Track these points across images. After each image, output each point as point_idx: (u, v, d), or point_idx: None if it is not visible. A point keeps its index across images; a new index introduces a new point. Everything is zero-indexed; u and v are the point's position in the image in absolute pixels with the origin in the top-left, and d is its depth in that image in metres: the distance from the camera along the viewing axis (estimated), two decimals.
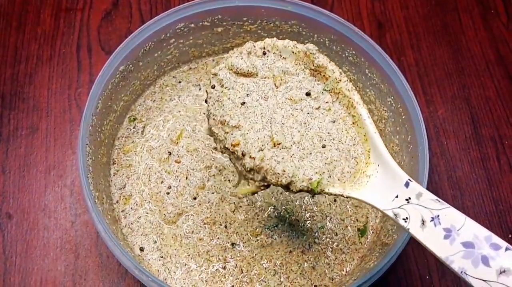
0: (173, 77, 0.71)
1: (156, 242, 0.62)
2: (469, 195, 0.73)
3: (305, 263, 0.61)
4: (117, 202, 0.63)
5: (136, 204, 0.63)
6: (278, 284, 0.60)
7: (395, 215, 0.43)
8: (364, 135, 0.48)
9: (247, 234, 0.62)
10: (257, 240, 0.62)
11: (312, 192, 0.46)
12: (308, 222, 0.64)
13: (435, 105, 0.79)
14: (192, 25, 0.66)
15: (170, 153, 0.66)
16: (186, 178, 0.65)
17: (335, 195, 0.46)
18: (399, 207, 0.43)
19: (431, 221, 0.40)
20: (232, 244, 0.61)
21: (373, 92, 0.66)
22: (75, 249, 0.67)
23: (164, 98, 0.70)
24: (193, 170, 0.65)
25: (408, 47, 0.83)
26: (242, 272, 0.60)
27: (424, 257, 0.68)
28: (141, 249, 0.61)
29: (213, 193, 0.64)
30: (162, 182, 0.65)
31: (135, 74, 0.65)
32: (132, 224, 0.62)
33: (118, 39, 0.81)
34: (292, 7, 0.65)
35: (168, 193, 0.64)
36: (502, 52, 0.83)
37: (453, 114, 0.79)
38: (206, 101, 0.51)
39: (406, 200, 0.43)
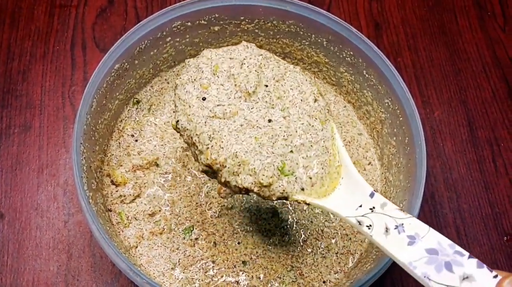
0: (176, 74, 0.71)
1: (151, 244, 0.61)
2: (465, 197, 0.72)
3: (318, 250, 0.62)
4: (110, 201, 0.63)
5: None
6: (293, 280, 0.60)
7: (359, 222, 0.43)
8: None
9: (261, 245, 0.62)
10: (271, 242, 0.62)
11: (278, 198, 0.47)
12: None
13: (432, 107, 0.79)
14: (189, 23, 0.65)
15: (157, 158, 0.66)
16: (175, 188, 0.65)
17: (298, 201, 0.47)
18: (362, 215, 0.43)
19: (395, 228, 0.41)
20: (243, 262, 0.61)
21: (371, 94, 0.65)
22: (68, 249, 0.66)
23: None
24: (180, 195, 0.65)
25: (405, 48, 0.83)
26: (259, 279, 0.60)
27: None
28: (135, 247, 0.60)
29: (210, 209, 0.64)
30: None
31: (130, 72, 0.64)
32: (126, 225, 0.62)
33: (113, 37, 0.80)
34: (290, 6, 0.64)
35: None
36: (499, 55, 0.83)
37: (450, 116, 0.78)
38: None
39: (370, 209, 0.44)
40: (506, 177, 0.74)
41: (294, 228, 0.63)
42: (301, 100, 0.49)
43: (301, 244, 0.62)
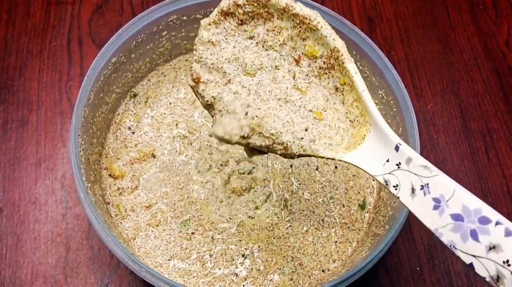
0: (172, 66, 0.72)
1: (148, 235, 0.61)
2: None
3: (318, 240, 0.62)
4: (108, 194, 0.63)
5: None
6: (293, 271, 0.61)
7: (386, 181, 0.41)
8: (356, 94, 0.46)
9: (263, 239, 0.63)
10: (275, 235, 0.63)
11: (301, 155, 0.46)
12: (318, 194, 0.65)
13: (425, 99, 0.80)
14: (185, 17, 0.66)
15: (154, 149, 0.66)
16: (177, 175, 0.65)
17: (326, 158, 0.45)
18: (389, 173, 0.41)
19: (421, 189, 0.38)
20: (243, 255, 0.61)
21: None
22: (66, 242, 0.66)
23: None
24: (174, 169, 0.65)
25: (398, 41, 0.84)
26: (259, 271, 0.61)
27: (415, 249, 0.69)
28: (133, 239, 0.61)
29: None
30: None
31: (127, 66, 0.65)
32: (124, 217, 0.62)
33: (109, 33, 0.81)
34: None
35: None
36: (490, 47, 0.84)
37: (443, 108, 0.79)
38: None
39: (397, 165, 0.41)
40: (499, 168, 0.75)
41: (297, 220, 0.63)
42: (275, 89, 0.48)
43: (303, 234, 0.63)
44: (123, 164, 0.64)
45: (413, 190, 0.39)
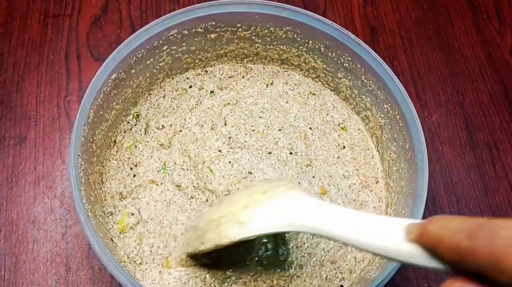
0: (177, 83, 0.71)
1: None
2: (465, 201, 0.72)
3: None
4: (110, 213, 0.62)
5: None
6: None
7: None
8: None
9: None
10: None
11: None
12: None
13: (429, 111, 0.79)
14: (185, 31, 0.65)
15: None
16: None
17: None
18: None
19: None
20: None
21: (369, 99, 0.65)
22: (66, 262, 0.65)
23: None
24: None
25: (401, 51, 0.83)
26: None
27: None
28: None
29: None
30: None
31: (127, 82, 0.63)
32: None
33: (107, 46, 0.79)
34: (287, 13, 0.64)
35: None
36: (495, 57, 0.83)
37: (448, 119, 0.78)
38: None
39: None
40: (506, 180, 0.74)
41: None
42: None
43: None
44: (123, 186, 0.62)
45: None
